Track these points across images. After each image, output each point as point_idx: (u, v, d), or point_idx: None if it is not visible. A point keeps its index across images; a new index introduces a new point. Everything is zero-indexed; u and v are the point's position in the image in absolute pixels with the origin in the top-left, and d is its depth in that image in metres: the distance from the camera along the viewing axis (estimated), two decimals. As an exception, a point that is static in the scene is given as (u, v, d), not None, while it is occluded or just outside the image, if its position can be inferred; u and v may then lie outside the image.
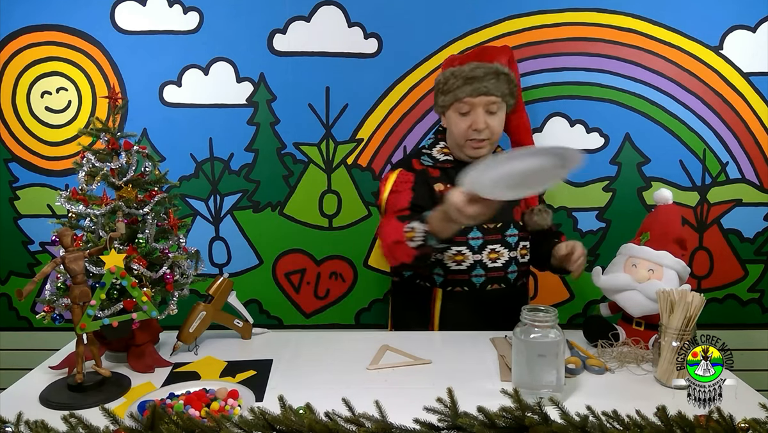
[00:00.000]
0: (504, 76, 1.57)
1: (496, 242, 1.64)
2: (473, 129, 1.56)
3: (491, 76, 1.55)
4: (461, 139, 1.60)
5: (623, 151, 2.04)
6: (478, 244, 1.63)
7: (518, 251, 1.68)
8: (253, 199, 2.09)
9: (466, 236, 1.63)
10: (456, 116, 1.59)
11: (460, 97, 1.56)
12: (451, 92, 1.58)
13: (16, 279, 2.13)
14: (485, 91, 1.55)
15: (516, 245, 1.67)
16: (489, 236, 1.64)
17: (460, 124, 1.58)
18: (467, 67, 1.57)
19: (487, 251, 1.64)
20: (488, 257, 1.64)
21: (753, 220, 2.07)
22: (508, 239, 1.65)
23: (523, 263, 1.71)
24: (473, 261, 1.63)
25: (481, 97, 1.55)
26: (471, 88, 1.55)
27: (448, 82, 1.58)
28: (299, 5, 1.99)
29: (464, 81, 1.56)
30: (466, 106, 1.56)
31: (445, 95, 1.60)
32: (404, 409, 0.88)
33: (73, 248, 1.24)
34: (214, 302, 1.52)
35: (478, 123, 1.56)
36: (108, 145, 1.41)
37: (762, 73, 1.99)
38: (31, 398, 1.22)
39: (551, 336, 1.17)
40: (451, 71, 1.59)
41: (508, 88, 1.58)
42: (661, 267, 1.42)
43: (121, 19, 1.99)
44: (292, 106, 2.04)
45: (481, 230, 1.63)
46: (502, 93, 1.57)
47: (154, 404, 0.87)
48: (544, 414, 0.83)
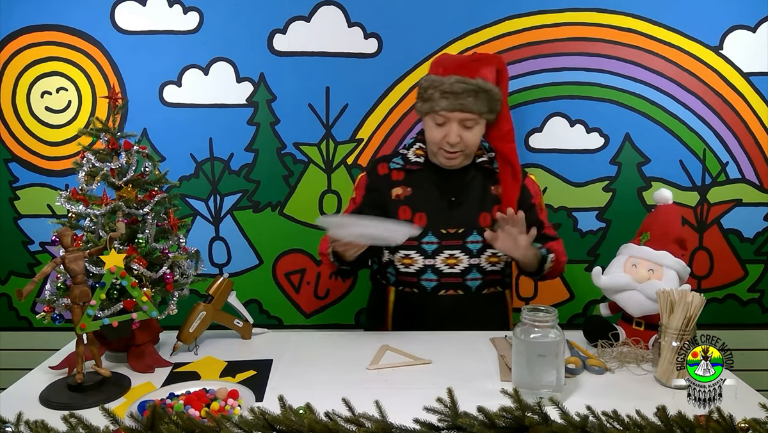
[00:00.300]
0: (484, 94, 1.55)
1: (455, 248, 1.63)
2: (446, 141, 1.57)
3: (470, 94, 1.54)
4: (434, 147, 1.61)
5: (623, 151, 2.04)
6: (432, 249, 1.63)
7: (483, 259, 1.64)
8: (253, 199, 2.09)
9: (419, 241, 1.63)
10: (432, 125, 1.59)
11: (436, 110, 1.56)
12: (429, 102, 1.57)
13: (16, 279, 2.13)
14: (461, 108, 1.54)
15: (480, 252, 1.64)
16: (447, 241, 1.63)
17: (434, 133, 1.59)
18: (447, 80, 1.54)
19: (443, 255, 1.63)
20: (444, 262, 1.63)
21: (753, 220, 2.07)
22: (469, 245, 1.63)
23: (494, 271, 1.67)
24: (423, 265, 1.63)
25: (456, 113, 1.55)
26: (447, 103, 1.54)
27: (428, 91, 1.57)
28: (299, 5, 1.99)
29: (441, 94, 1.54)
30: (441, 118, 1.56)
31: (424, 102, 1.59)
32: (404, 409, 0.88)
33: (73, 248, 1.24)
34: (214, 302, 1.52)
35: (450, 138, 1.56)
36: (108, 145, 1.41)
37: (762, 73, 1.99)
38: (31, 398, 1.22)
39: (551, 336, 1.17)
40: (432, 81, 1.57)
41: (487, 106, 1.56)
42: (661, 267, 1.42)
43: (121, 19, 1.99)
44: (292, 106, 2.04)
45: (438, 235, 1.62)
46: (480, 111, 1.55)
47: (154, 404, 0.87)
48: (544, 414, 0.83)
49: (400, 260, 1.66)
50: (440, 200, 1.64)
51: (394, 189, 1.67)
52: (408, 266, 1.65)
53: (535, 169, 2.05)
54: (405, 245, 1.63)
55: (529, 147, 2.05)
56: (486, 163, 1.67)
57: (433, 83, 1.57)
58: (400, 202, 1.66)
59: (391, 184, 1.68)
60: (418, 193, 1.65)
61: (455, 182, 1.66)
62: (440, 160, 1.63)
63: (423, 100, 1.60)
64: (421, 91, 1.60)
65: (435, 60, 1.66)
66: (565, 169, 2.06)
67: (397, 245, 1.51)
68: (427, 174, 1.67)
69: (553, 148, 2.05)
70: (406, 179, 1.68)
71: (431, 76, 1.59)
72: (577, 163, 2.05)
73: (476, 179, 1.67)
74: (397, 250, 1.67)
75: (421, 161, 1.68)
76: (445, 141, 1.58)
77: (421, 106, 1.61)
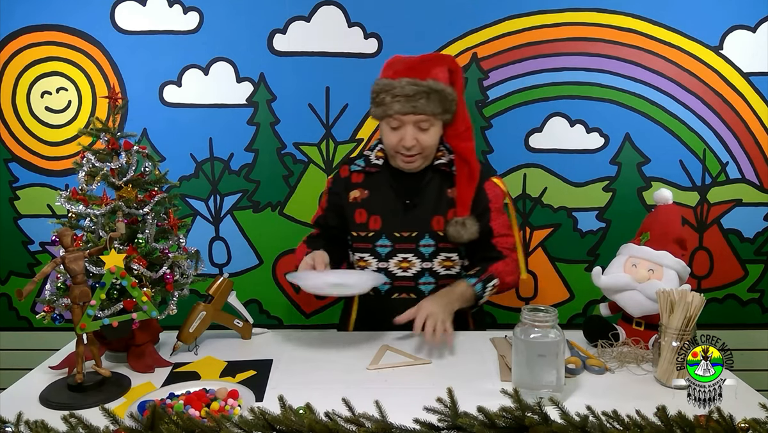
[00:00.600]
0: (437, 94, 1.53)
1: (408, 252, 1.62)
2: (402, 145, 1.55)
3: (422, 96, 1.52)
4: (391, 151, 1.60)
5: (623, 151, 2.04)
6: (386, 252, 1.63)
7: (435, 262, 1.63)
8: (253, 199, 2.09)
9: (373, 244, 1.63)
10: (387, 129, 1.58)
11: (390, 114, 1.54)
12: (382, 107, 1.55)
13: (16, 279, 2.13)
14: (413, 110, 1.52)
15: (432, 256, 1.62)
16: (400, 244, 1.62)
17: (390, 137, 1.57)
18: (398, 83, 1.52)
19: (397, 259, 1.62)
20: (398, 266, 1.62)
21: (753, 220, 2.07)
22: (421, 249, 1.62)
23: (448, 275, 1.64)
24: (377, 268, 1.63)
25: (410, 115, 1.53)
26: (400, 106, 1.52)
27: (380, 95, 1.55)
28: (299, 5, 1.99)
29: (393, 98, 1.52)
30: (396, 121, 1.55)
31: (377, 107, 1.57)
32: (404, 409, 0.88)
33: (73, 248, 1.24)
34: (214, 302, 1.52)
35: (406, 141, 1.54)
36: (108, 145, 1.41)
37: (762, 73, 1.99)
38: (31, 398, 1.22)
39: (551, 336, 1.17)
40: (383, 85, 1.55)
41: (441, 106, 1.54)
42: (661, 267, 1.42)
43: (121, 19, 1.99)
44: (292, 106, 2.04)
45: (391, 238, 1.62)
46: (434, 112, 1.53)
47: (154, 404, 0.87)
48: (544, 414, 0.83)
49: (357, 263, 1.68)
50: (395, 203, 1.64)
51: (352, 192, 1.67)
52: (363, 269, 1.65)
53: (535, 169, 2.05)
54: (360, 247, 1.66)
55: (529, 147, 2.05)
56: (444, 165, 1.64)
57: (384, 87, 1.54)
58: (356, 205, 1.66)
59: (349, 187, 1.68)
60: (374, 195, 1.65)
61: (411, 185, 1.64)
62: (399, 163, 1.61)
63: (376, 104, 1.57)
64: (374, 95, 1.58)
65: (386, 63, 1.62)
66: (565, 169, 2.06)
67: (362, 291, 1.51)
68: (385, 176, 1.66)
69: (553, 148, 2.05)
70: (364, 182, 1.67)
71: (382, 80, 1.56)
72: (577, 163, 2.05)
73: (433, 182, 1.64)
74: (354, 252, 1.68)
75: (380, 163, 1.67)
76: (401, 145, 1.56)
77: (375, 111, 1.59)
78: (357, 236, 1.66)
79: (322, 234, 1.76)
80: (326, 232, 1.75)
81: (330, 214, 1.72)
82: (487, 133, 2.05)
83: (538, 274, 2.12)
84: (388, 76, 1.56)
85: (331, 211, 1.72)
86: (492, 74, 2.01)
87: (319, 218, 1.76)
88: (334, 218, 1.71)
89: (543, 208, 2.08)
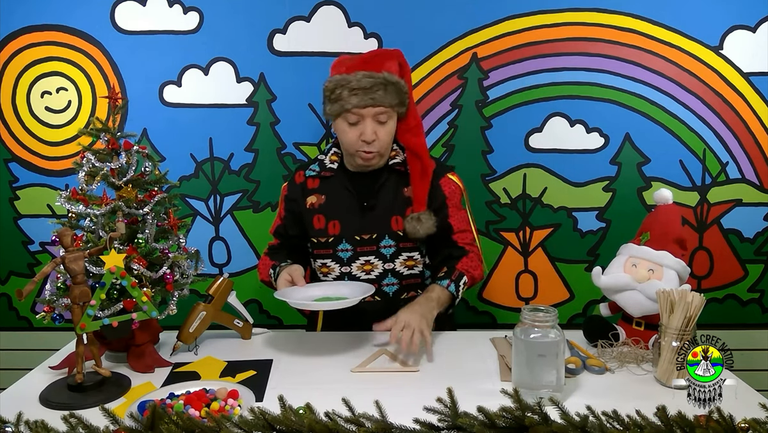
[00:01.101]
0: (393, 86, 1.52)
1: (370, 254, 1.61)
2: (362, 140, 1.53)
3: (379, 87, 1.51)
4: (351, 149, 1.57)
5: (623, 151, 2.04)
6: (347, 256, 1.62)
7: (397, 263, 1.62)
8: (253, 199, 2.09)
9: (333, 249, 1.62)
10: (345, 126, 1.55)
11: (348, 108, 1.52)
12: (338, 102, 1.53)
13: (16, 279, 2.13)
14: (372, 102, 1.51)
15: (394, 257, 1.61)
16: (361, 247, 1.61)
17: (349, 134, 1.55)
18: (354, 76, 1.51)
19: (359, 262, 1.61)
20: (361, 269, 1.61)
21: (753, 220, 2.07)
22: (382, 250, 1.61)
23: (411, 275, 1.64)
24: (340, 273, 1.62)
25: (369, 108, 1.51)
26: (358, 99, 1.50)
27: (335, 91, 1.53)
28: (299, 5, 1.99)
29: (350, 92, 1.51)
30: (354, 116, 1.53)
31: (332, 104, 1.54)
32: (404, 409, 0.88)
33: (73, 248, 1.24)
34: (214, 302, 1.52)
35: (366, 135, 1.52)
36: (108, 145, 1.41)
37: (762, 73, 1.99)
38: (31, 398, 1.22)
39: (551, 336, 1.17)
40: (338, 80, 1.53)
41: (398, 98, 1.54)
42: (661, 267, 1.42)
43: (121, 19, 1.99)
44: (292, 106, 2.04)
45: (352, 241, 1.61)
46: (391, 103, 1.53)
47: (154, 404, 0.87)
48: (544, 414, 0.83)
49: (319, 269, 1.66)
50: (353, 206, 1.62)
51: (309, 197, 1.65)
52: (326, 275, 1.64)
53: (535, 169, 2.05)
54: (321, 253, 1.64)
55: (529, 147, 2.05)
56: (399, 165, 1.63)
57: (339, 82, 1.52)
58: (314, 210, 1.64)
59: (306, 193, 1.66)
60: (331, 200, 1.63)
61: (367, 187, 1.62)
62: (358, 162, 1.59)
63: (331, 101, 1.55)
64: (327, 93, 1.56)
65: (334, 62, 1.61)
66: (565, 169, 2.06)
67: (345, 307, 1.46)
68: (341, 180, 1.64)
69: (553, 148, 2.05)
70: (320, 187, 1.65)
71: (335, 76, 1.54)
72: (577, 163, 2.05)
73: (388, 182, 1.63)
74: (315, 259, 1.66)
75: (334, 167, 1.65)
76: (360, 140, 1.53)
77: (330, 108, 1.56)
78: (317, 242, 1.64)
79: (282, 244, 1.73)
80: (287, 241, 1.72)
81: (289, 223, 1.69)
82: (487, 133, 2.05)
83: (538, 274, 2.12)
84: (341, 72, 1.54)
85: (290, 220, 1.69)
86: (492, 74, 2.01)
87: (279, 228, 1.73)
88: (293, 226, 1.68)
89: (543, 208, 2.08)
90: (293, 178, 1.70)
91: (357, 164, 1.60)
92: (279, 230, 1.73)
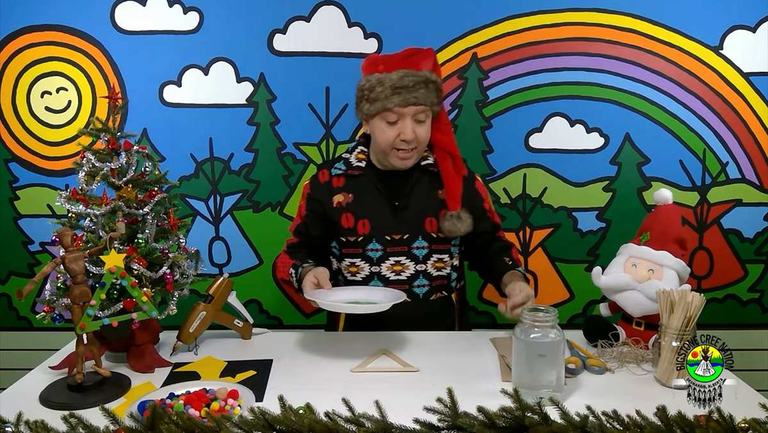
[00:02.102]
0: (432, 84, 1.53)
1: (401, 254, 1.60)
2: (401, 139, 1.52)
3: (420, 86, 1.50)
4: (387, 148, 1.55)
5: (623, 151, 2.04)
6: (377, 255, 1.60)
7: (429, 264, 1.61)
8: (253, 199, 2.09)
9: (363, 248, 1.60)
10: (383, 125, 1.53)
11: (389, 108, 1.50)
12: (379, 101, 1.51)
13: (16, 279, 2.13)
14: (415, 101, 1.50)
15: (426, 258, 1.61)
16: (392, 247, 1.59)
17: (387, 133, 1.53)
18: (395, 75, 1.50)
19: (389, 262, 1.60)
20: (391, 270, 1.60)
21: (753, 220, 2.07)
22: (414, 251, 1.60)
23: (440, 276, 1.63)
24: (369, 272, 1.61)
25: (410, 107, 1.51)
26: (400, 99, 1.49)
27: (375, 90, 1.51)
28: (299, 5, 1.99)
29: (393, 90, 1.50)
30: (394, 115, 1.52)
31: (372, 104, 1.53)
32: (404, 409, 0.88)
33: (73, 248, 1.24)
34: (214, 302, 1.52)
35: (407, 134, 1.51)
36: (108, 145, 1.41)
37: (762, 73, 1.99)
38: (31, 398, 1.22)
39: (551, 336, 1.17)
40: (378, 78, 1.51)
41: (436, 97, 1.54)
42: (661, 267, 1.42)
43: (121, 20, 1.99)
44: (292, 106, 2.04)
45: (382, 241, 1.59)
46: (431, 102, 1.53)
47: (154, 404, 0.87)
48: (544, 414, 0.83)
49: (347, 269, 1.64)
50: (383, 205, 1.60)
51: (335, 196, 1.62)
52: (354, 274, 1.62)
53: (535, 169, 2.05)
54: (350, 252, 1.62)
55: (529, 147, 2.05)
56: (431, 166, 1.62)
57: (379, 81, 1.51)
58: (342, 209, 1.61)
59: (332, 192, 1.63)
60: (360, 198, 1.61)
61: (398, 186, 1.61)
62: (393, 162, 1.57)
63: (370, 101, 1.53)
64: (365, 92, 1.54)
65: (368, 61, 1.59)
66: (565, 169, 2.06)
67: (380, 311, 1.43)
68: (369, 178, 1.62)
69: (553, 148, 2.05)
70: (347, 185, 1.63)
71: (373, 75, 1.53)
72: (577, 163, 2.05)
73: (421, 182, 1.62)
74: (343, 258, 1.64)
75: (362, 165, 1.63)
76: (399, 139, 1.52)
77: (369, 108, 1.54)
78: (346, 241, 1.62)
79: (302, 243, 1.70)
80: (307, 241, 1.70)
81: (310, 222, 1.66)
82: (487, 133, 2.05)
83: (538, 274, 2.12)
84: (378, 71, 1.53)
85: (312, 219, 1.66)
86: (492, 74, 2.01)
87: (299, 226, 1.69)
88: (315, 226, 1.66)
89: (543, 208, 2.08)
90: (317, 177, 1.67)
91: (391, 164, 1.59)
92: (299, 228, 1.70)
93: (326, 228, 1.65)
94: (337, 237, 1.64)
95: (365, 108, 1.55)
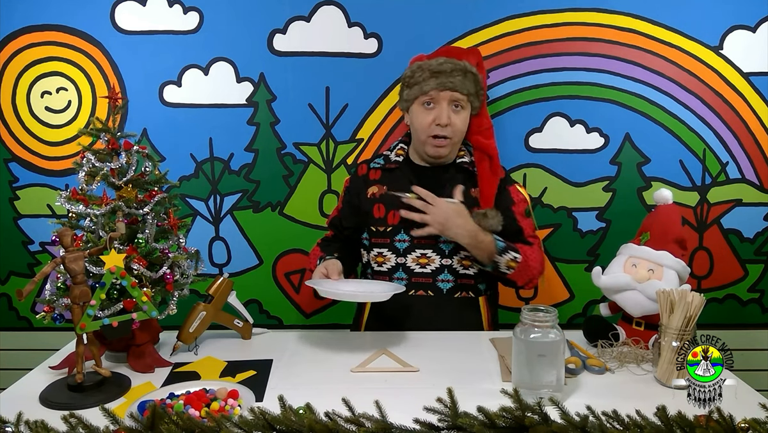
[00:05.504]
0: (471, 75, 1.56)
1: (427, 247, 1.61)
2: (436, 123, 1.55)
3: (458, 73, 1.55)
4: (423, 134, 1.58)
5: (623, 151, 2.04)
6: (404, 246, 1.62)
7: (455, 260, 1.62)
8: (253, 199, 2.09)
9: (391, 238, 1.62)
10: (420, 109, 1.58)
11: (426, 90, 1.55)
12: (417, 85, 1.57)
13: (16, 279, 2.13)
14: (451, 86, 1.54)
15: (452, 254, 1.61)
16: (419, 240, 1.60)
17: (423, 117, 1.57)
18: (435, 61, 1.57)
19: (415, 254, 1.61)
20: (416, 262, 1.61)
21: (753, 220, 2.07)
22: (442, 245, 1.61)
23: (466, 275, 1.64)
24: (395, 263, 1.62)
25: (446, 91, 1.54)
26: (437, 82, 1.54)
27: (415, 75, 1.58)
28: (299, 5, 1.99)
29: (431, 74, 1.55)
30: (431, 99, 1.56)
31: (410, 88, 1.59)
32: (404, 409, 0.88)
33: (73, 248, 1.24)
34: (214, 302, 1.52)
35: (441, 117, 1.54)
36: (108, 145, 1.41)
37: (762, 73, 1.99)
38: (31, 398, 1.22)
39: (551, 336, 1.17)
40: (418, 65, 1.59)
41: (474, 88, 1.57)
42: (661, 267, 1.42)
43: (121, 20, 1.99)
44: (292, 106, 2.04)
45: (410, 233, 1.60)
46: (468, 91, 1.56)
47: (154, 404, 0.87)
48: (544, 414, 0.83)
49: (375, 258, 1.67)
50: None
51: (370, 188, 1.68)
52: (381, 264, 1.65)
53: (535, 169, 2.05)
54: (378, 242, 1.65)
55: (529, 147, 2.05)
56: (467, 164, 1.65)
57: (420, 66, 1.57)
58: (375, 200, 1.66)
59: (368, 183, 1.69)
60: (393, 190, 1.64)
61: (433, 181, 1.63)
62: (428, 151, 1.61)
63: (409, 86, 1.60)
64: (407, 78, 1.61)
65: (413, 59, 1.67)
66: (565, 169, 2.06)
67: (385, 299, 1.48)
68: (405, 172, 1.67)
69: (553, 148, 2.05)
70: (382, 178, 1.68)
71: (415, 63, 1.60)
72: (577, 163, 2.05)
73: (455, 179, 1.64)
74: (371, 248, 1.67)
75: (400, 160, 1.68)
76: (435, 124, 1.56)
77: (408, 93, 1.60)
78: (375, 231, 1.66)
79: (336, 236, 1.77)
80: (340, 233, 1.76)
81: (345, 214, 1.73)
82: (487, 133, 2.05)
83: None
84: (421, 59, 1.59)
85: (346, 211, 1.73)
86: (492, 74, 2.01)
87: (334, 219, 1.78)
88: (349, 218, 1.72)
89: (543, 208, 2.08)
90: (356, 171, 1.75)
91: (427, 153, 1.62)
92: (334, 221, 1.77)
93: (359, 219, 1.70)
94: (368, 227, 1.68)
95: (405, 94, 1.61)
